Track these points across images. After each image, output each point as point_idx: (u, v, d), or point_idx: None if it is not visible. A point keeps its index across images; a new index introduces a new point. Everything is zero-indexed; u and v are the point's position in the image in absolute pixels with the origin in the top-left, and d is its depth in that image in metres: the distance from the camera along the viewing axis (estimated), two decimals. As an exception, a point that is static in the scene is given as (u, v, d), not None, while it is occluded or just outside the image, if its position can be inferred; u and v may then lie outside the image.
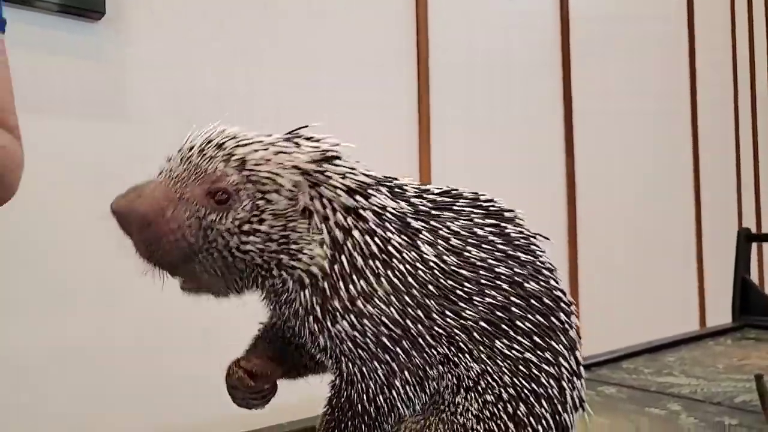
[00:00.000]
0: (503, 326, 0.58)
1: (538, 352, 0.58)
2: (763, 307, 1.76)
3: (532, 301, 0.59)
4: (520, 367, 0.58)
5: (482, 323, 0.57)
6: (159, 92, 1.33)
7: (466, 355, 0.57)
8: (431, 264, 0.56)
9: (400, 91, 1.74)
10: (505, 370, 0.58)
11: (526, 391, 0.58)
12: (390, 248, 0.56)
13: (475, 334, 0.57)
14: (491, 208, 0.62)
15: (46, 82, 1.18)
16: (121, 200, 0.51)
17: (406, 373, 0.56)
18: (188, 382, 1.29)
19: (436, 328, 0.56)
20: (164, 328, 1.27)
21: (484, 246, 0.59)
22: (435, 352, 0.57)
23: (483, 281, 0.57)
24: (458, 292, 0.57)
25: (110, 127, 1.27)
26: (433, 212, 0.59)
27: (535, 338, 0.58)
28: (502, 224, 0.61)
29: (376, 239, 0.55)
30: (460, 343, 0.57)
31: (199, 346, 1.31)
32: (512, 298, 0.58)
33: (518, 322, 0.58)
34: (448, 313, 0.56)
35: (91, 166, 1.23)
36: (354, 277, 0.54)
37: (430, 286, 0.56)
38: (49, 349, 1.20)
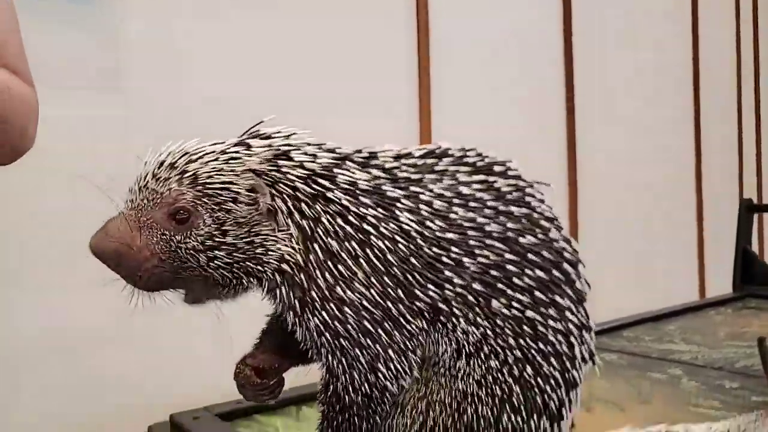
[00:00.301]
0: (499, 285, 0.56)
1: (542, 309, 0.56)
2: (764, 276, 1.75)
3: (530, 255, 0.57)
4: (525, 327, 0.56)
5: (475, 285, 0.55)
6: (154, 63, 1.32)
7: (461, 320, 0.55)
8: (413, 234, 0.54)
9: (399, 61, 1.73)
10: (509, 332, 0.56)
11: (533, 352, 0.56)
12: (366, 225, 0.54)
13: (470, 297, 0.55)
14: (479, 164, 0.59)
15: (35, 51, 1.16)
16: (93, 240, 0.52)
17: (390, 351, 0.55)
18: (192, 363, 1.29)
19: (417, 303, 0.55)
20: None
21: (471, 205, 0.56)
22: (414, 326, 0.55)
23: (472, 242, 0.55)
24: (444, 259, 0.55)
25: (104, 99, 1.26)
26: (413, 177, 0.57)
27: (537, 294, 0.56)
28: (491, 179, 0.58)
29: (350, 218, 0.54)
30: (454, 309, 0.55)
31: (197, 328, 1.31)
32: (507, 255, 0.56)
33: (515, 279, 0.56)
34: (430, 286, 0.55)
35: (87, 140, 1.23)
36: (330, 263, 0.53)
37: (412, 259, 0.54)
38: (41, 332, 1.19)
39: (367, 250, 0.53)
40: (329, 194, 0.54)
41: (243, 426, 0.87)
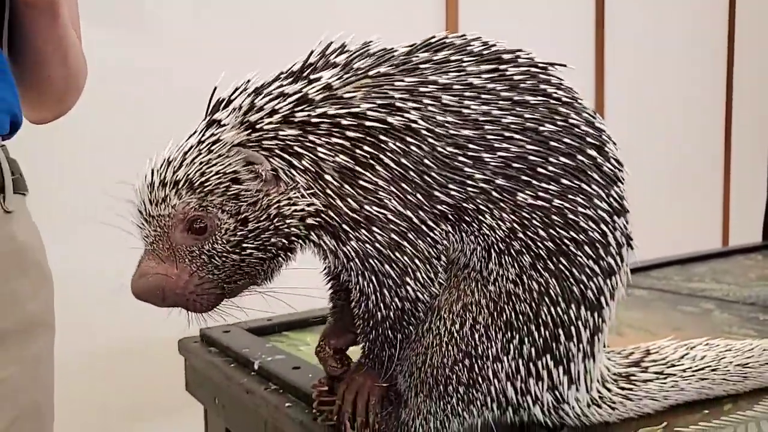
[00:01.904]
0: (523, 177, 0.53)
1: (570, 197, 0.54)
2: (796, 226, 1.71)
3: (551, 143, 0.54)
4: (554, 217, 0.54)
5: (499, 180, 0.53)
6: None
7: (486, 216, 0.53)
8: (423, 132, 0.51)
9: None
10: (538, 223, 0.54)
11: (566, 241, 0.54)
12: (367, 123, 0.50)
13: (494, 193, 0.53)
14: (485, 53, 0.56)
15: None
16: (132, 286, 0.51)
17: (416, 261, 0.53)
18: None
19: (438, 207, 0.52)
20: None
21: (483, 97, 0.53)
22: (438, 232, 0.53)
23: (489, 136, 0.53)
24: (461, 158, 0.52)
25: (126, 35, 1.25)
26: (407, 67, 0.53)
27: (564, 181, 0.54)
28: (501, 67, 0.55)
29: (347, 122, 0.50)
30: (480, 206, 0.53)
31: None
32: (527, 147, 0.53)
33: (540, 169, 0.54)
34: (451, 185, 0.52)
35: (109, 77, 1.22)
36: (347, 185, 0.51)
37: (426, 160, 0.51)
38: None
39: (382, 155, 0.51)
40: (313, 119, 0.51)
41: (273, 340, 0.88)
